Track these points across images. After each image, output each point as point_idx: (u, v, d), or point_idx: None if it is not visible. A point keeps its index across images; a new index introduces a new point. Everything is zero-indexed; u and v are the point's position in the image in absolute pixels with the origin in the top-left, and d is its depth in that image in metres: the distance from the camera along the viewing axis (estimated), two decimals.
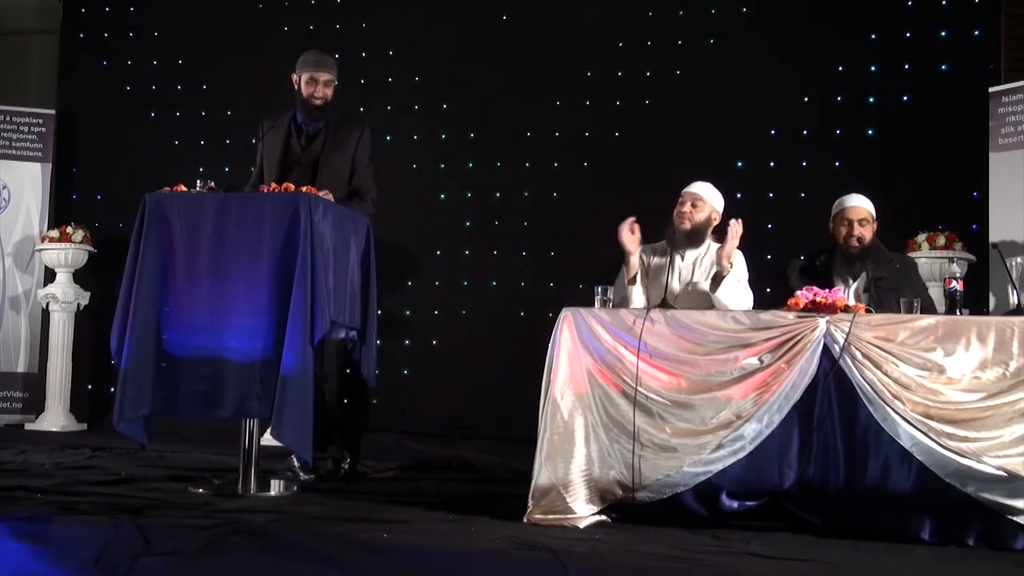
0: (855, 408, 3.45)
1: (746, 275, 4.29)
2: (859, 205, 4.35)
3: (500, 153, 6.81)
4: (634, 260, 4.27)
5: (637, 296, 4.25)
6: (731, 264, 4.16)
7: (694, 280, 4.32)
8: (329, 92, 4.71)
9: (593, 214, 6.49)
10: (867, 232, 4.30)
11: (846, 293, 4.19)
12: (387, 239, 6.31)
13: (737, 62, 6.43)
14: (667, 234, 4.42)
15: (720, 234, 4.28)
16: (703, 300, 4.20)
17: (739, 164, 6.35)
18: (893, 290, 4.18)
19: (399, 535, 3.23)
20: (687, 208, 4.35)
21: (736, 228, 4.11)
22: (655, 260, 4.42)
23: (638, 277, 4.28)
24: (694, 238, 4.35)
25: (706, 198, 4.38)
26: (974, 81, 6.04)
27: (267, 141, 4.77)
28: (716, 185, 4.46)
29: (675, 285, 4.33)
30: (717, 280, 4.17)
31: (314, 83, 4.67)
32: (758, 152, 6.34)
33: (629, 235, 4.24)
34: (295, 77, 4.75)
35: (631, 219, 4.26)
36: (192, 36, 7.39)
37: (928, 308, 4.16)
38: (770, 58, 6.39)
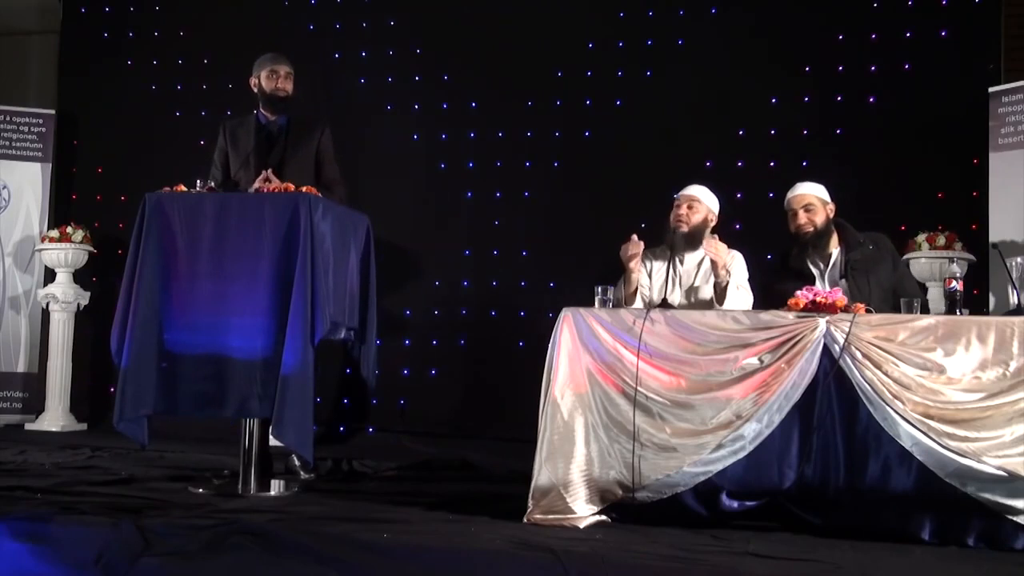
0: (855, 408, 3.45)
1: (746, 275, 4.29)
2: (800, 192, 4.34)
3: (500, 153, 6.81)
4: (634, 276, 4.25)
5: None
6: (729, 272, 4.17)
7: (696, 284, 4.32)
8: (289, 86, 4.81)
9: (593, 214, 6.50)
10: (816, 216, 4.25)
11: (822, 281, 4.19)
12: (387, 239, 6.32)
13: (738, 62, 6.43)
14: (666, 239, 4.44)
15: (718, 235, 4.28)
16: (706, 307, 4.19)
17: (739, 164, 6.35)
18: (869, 273, 4.17)
19: (399, 535, 3.23)
20: (683, 211, 4.39)
21: (710, 245, 4.15)
22: (656, 264, 4.41)
23: (638, 292, 4.28)
24: (692, 240, 4.35)
25: (701, 199, 4.41)
26: (974, 81, 6.04)
27: (231, 143, 4.85)
28: (717, 186, 4.47)
29: (677, 289, 4.33)
30: (719, 291, 4.18)
31: (275, 76, 4.77)
32: (758, 152, 6.33)
33: (630, 250, 4.21)
34: (253, 80, 4.85)
35: (633, 236, 4.24)
36: (192, 36, 7.40)
37: (911, 286, 4.20)
38: (770, 58, 6.39)
